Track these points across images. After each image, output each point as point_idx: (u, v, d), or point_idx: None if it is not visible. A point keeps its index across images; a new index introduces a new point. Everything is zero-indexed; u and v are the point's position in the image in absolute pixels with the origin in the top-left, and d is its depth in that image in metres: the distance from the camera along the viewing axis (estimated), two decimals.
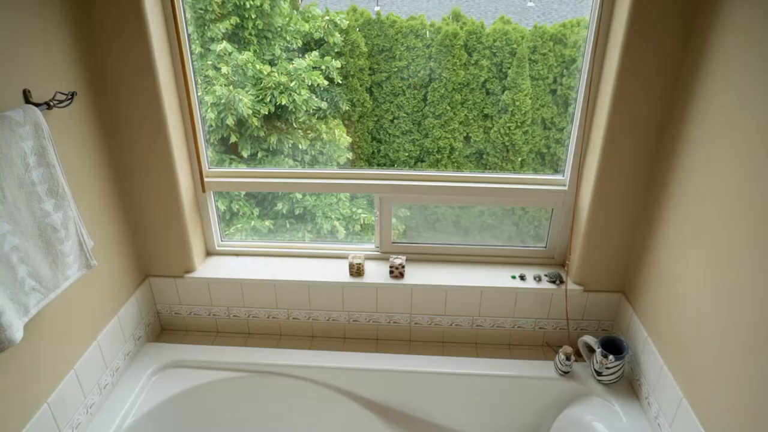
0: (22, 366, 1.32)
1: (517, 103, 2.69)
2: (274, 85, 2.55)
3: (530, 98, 2.71)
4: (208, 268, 1.99)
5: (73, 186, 1.47)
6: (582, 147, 1.76)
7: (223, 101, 2.46)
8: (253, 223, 2.66)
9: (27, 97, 1.31)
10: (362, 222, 2.82)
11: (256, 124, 2.61)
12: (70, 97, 1.42)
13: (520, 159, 2.83)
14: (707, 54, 1.37)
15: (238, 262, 2.04)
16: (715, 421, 1.30)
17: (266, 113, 2.61)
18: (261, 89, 2.57)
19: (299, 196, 2.76)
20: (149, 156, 1.73)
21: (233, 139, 2.59)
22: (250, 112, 2.54)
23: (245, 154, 2.66)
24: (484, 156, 2.87)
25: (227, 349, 1.93)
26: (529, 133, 2.78)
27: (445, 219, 2.73)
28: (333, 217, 2.80)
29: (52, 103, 1.36)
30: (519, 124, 2.73)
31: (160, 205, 1.82)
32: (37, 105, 1.30)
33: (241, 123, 2.60)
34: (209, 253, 2.07)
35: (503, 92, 2.71)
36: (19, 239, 1.19)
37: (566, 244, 1.93)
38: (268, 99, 2.56)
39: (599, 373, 1.76)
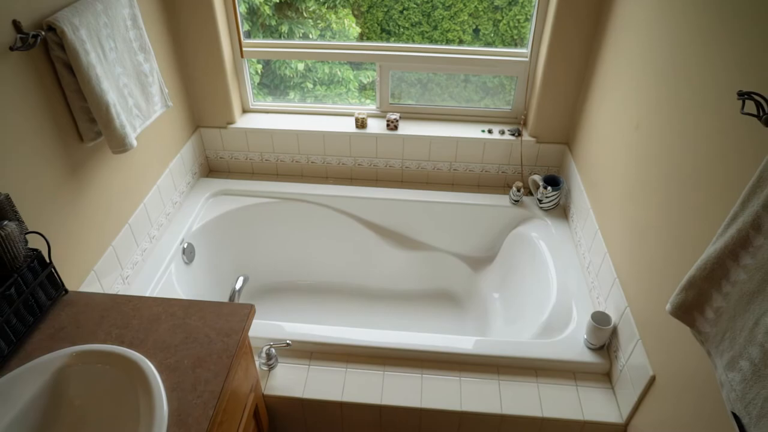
0: (130, 170, 1.92)
1: None
2: None
3: None
4: (245, 121, 2.54)
5: None
6: (539, 23, 2.21)
7: None
8: None
9: None
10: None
11: (268, 12, 2.71)
12: None
13: None
14: None
15: (268, 117, 2.58)
16: (606, 223, 1.90)
17: (277, 1, 2.70)
18: None
19: (310, 86, 2.98)
20: (199, 26, 2.21)
21: (246, 27, 2.67)
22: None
23: None
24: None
25: (262, 183, 2.54)
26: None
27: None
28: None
29: None
30: (528, 16, 2.66)
31: (208, 68, 2.33)
32: None
33: (253, 11, 2.70)
34: (245, 111, 2.61)
35: None
36: (127, 79, 1.73)
37: (525, 104, 2.44)
38: None
39: (541, 201, 2.35)
